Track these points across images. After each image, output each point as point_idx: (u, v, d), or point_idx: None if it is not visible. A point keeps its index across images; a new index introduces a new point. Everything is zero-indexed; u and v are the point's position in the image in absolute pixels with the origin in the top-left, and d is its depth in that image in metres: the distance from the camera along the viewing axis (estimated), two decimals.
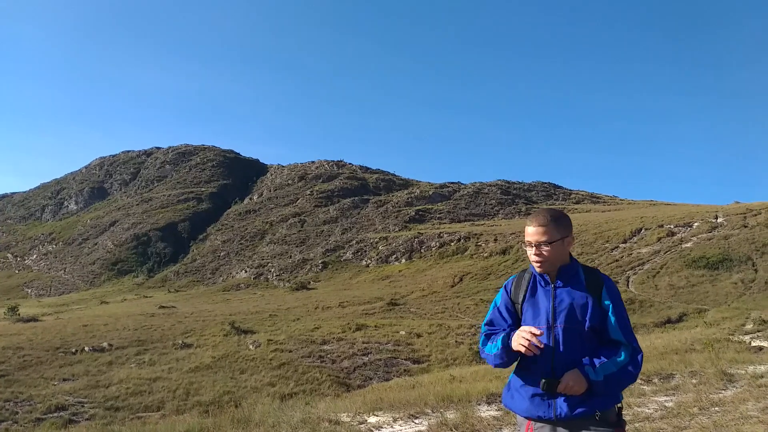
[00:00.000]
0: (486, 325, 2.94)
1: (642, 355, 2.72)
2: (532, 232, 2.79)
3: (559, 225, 2.79)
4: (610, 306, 2.72)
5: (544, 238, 2.76)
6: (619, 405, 2.72)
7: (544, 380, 2.66)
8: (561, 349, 2.69)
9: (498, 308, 2.94)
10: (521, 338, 2.65)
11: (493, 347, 2.80)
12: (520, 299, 2.86)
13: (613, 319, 2.70)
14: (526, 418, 2.76)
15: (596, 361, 2.65)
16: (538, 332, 2.64)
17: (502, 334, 2.78)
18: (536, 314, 2.79)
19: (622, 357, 2.66)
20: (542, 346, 2.64)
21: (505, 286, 2.99)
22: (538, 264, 2.80)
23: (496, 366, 2.84)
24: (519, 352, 2.68)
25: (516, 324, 2.87)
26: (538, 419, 2.72)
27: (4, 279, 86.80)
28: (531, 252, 2.81)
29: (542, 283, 2.84)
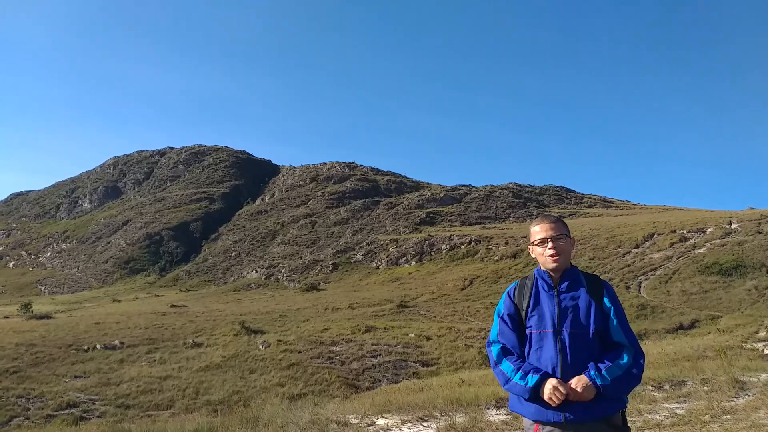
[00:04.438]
0: (498, 335, 2.92)
1: (644, 357, 2.77)
2: (546, 227, 2.88)
3: (564, 224, 2.94)
4: (612, 309, 2.78)
5: (559, 232, 2.85)
6: (623, 409, 2.76)
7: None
8: (568, 354, 2.72)
9: (503, 318, 2.94)
10: (555, 394, 2.63)
11: (522, 381, 2.73)
12: (525, 305, 2.87)
13: (615, 321, 2.76)
14: (535, 421, 2.77)
15: (601, 365, 2.69)
16: (563, 391, 2.63)
17: (536, 377, 2.71)
18: (542, 319, 2.80)
19: (625, 359, 2.70)
20: (563, 398, 2.64)
21: (507, 293, 2.99)
22: (556, 258, 2.82)
23: (512, 392, 2.80)
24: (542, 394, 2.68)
25: (520, 332, 2.87)
26: (547, 422, 2.72)
27: (18, 276, 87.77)
28: (547, 247, 2.84)
29: (545, 288, 2.86)
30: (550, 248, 2.83)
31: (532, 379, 2.70)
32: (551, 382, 2.65)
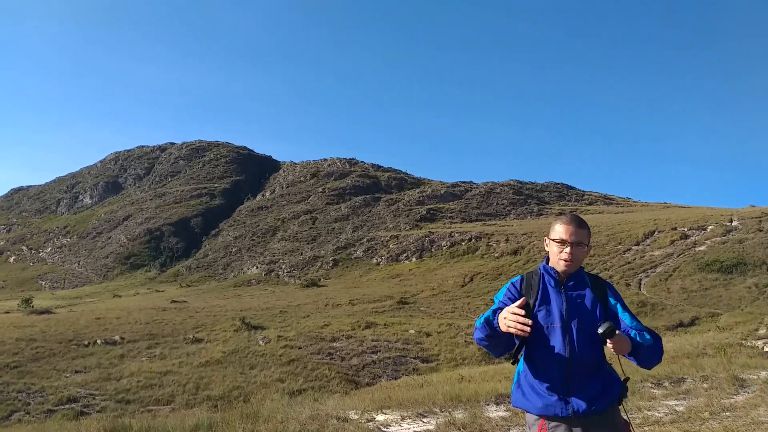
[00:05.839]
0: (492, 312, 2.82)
1: (661, 341, 2.79)
2: (573, 231, 2.79)
3: (588, 233, 2.89)
4: (618, 305, 2.81)
5: (579, 240, 2.80)
6: (624, 398, 2.81)
7: (607, 326, 2.55)
8: (576, 348, 2.69)
9: (503, 302, 2.83)
10: (508, 320, 2.54)
11: (477, 321, 2.74)
12: (532, 300, 2.80)
13: (627, 315, 2.78)
14: (540, 416, 2.73)
15: (632, 332, 2.71)
16: (520, 311, 2.53)
17: (489, 312, 2.71)
18: (549, 314, 2.76)
19: (649, 337, 2.71)
20: (531, 324, 2.52)
21: (512, 283, 2.91)
22: (569, 264, 2.79)
23: (478, 341, 2.78)
24: (508, 334, 2.59)
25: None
26: (554, 417, 2.69)
27: (18, 271, 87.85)
28: (564, 250, 2.78)
29: (552, 284, 2.83)
30: (566, 252, 2.79)
31: (483, 315, 2.73)
32: (505, 310, 2.60)
